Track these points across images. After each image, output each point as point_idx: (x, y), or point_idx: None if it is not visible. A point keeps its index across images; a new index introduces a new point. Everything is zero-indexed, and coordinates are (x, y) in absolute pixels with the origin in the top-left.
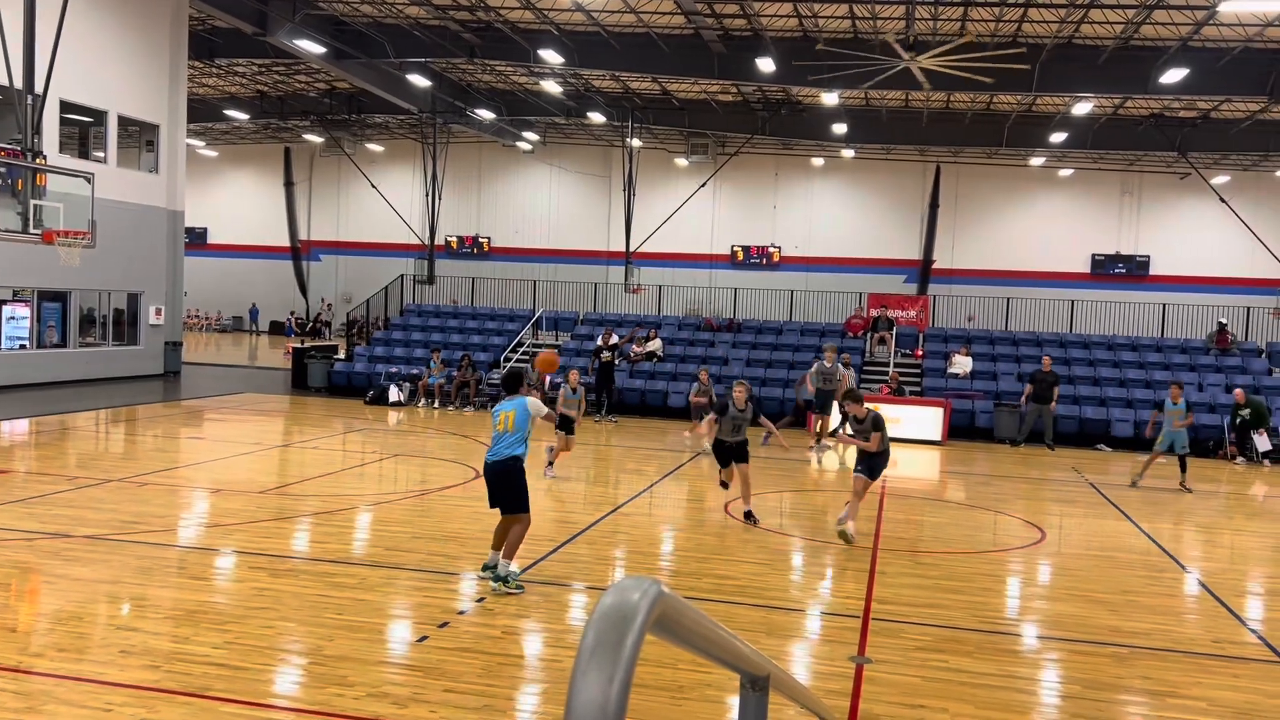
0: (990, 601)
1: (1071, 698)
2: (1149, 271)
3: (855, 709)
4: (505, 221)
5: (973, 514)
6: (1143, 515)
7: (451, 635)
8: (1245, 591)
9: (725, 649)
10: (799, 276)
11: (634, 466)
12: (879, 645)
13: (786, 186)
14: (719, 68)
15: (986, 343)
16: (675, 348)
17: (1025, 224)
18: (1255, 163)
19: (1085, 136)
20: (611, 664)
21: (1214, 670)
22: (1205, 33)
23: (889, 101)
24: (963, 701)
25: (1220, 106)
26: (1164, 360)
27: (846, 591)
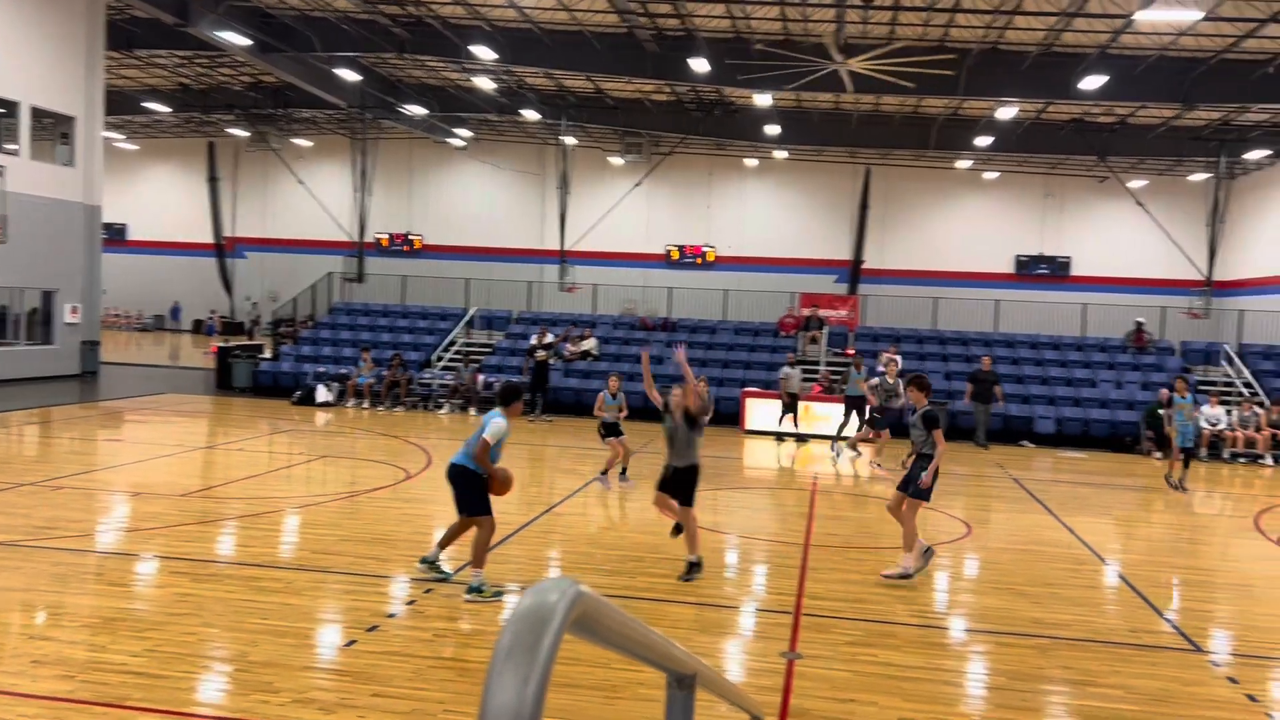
0: (918, 596)
1: (996, 689)
2: (1070, 272)
3: (786, 704)
4: (437, 219)
5: None
6: (1064, 510)
7: (381, 639)
8: (1161, 583)
9: (649, 648)
10: (733, 276)
11: (568, 466)
12: (810, 640)
13: (720, 186)
14: (653, 67)
15: (915, 341)
16: (610, 347)
17: (952, 225)
18: (1169, 167)
19: (1010, 140)
20: (527, 666)
21: (1131, 659)
22: (1123, 41)
23: (820, 104)
24: (891, 695)
25: (1137, 113)
26: (1084, 359)
27: (778, 588)
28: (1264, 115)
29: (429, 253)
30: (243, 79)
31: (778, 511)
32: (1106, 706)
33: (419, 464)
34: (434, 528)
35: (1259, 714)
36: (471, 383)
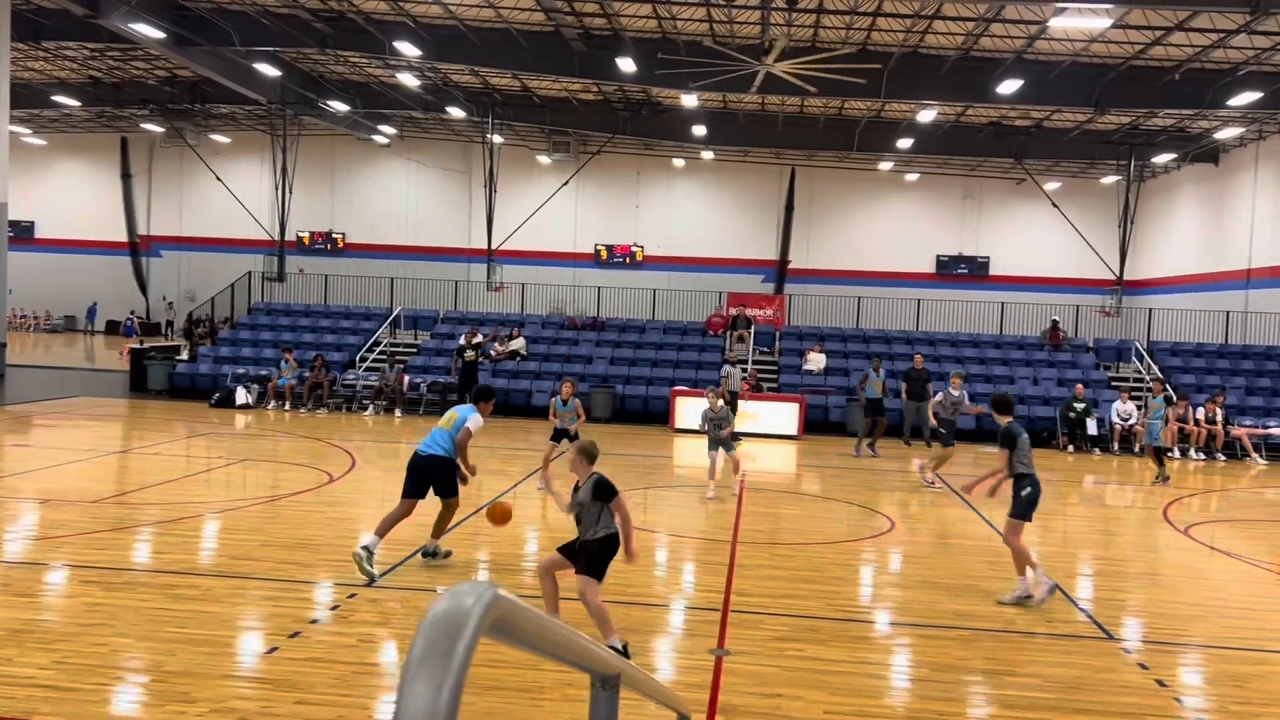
0: (844, 590)
1: (919, 680)
2: (989, 272)
3: (714, 701)
4: (361, 217)
5: (827, 506)
6: (983, 504)
7: (303, 645)
8: (1076, 573)
9: (571, 649)
10: (661, 275)
11: (497, 467)
12: (738, 637)
13: (649, 186)
14: (580, 66)
15: (839, 340)
16: (539, 346)
17: (875, 226)
18: (1083, 170)
19: (930, 142)
20: (441, 672)
21: (1048, 648)
22: (1038, 46)
23: (746, 105)
24: (817, 689)
25: (1052, 116)
26: (1003, 356)
27: (707, 585)
28: (1170, 120)
29: (352, 251)
30: (157, 73)
31: (706, 509)
32: (1024, 695)
33: (343, 467)
34: (359, 531)
35: (1168, 698)
36: (397, 384)
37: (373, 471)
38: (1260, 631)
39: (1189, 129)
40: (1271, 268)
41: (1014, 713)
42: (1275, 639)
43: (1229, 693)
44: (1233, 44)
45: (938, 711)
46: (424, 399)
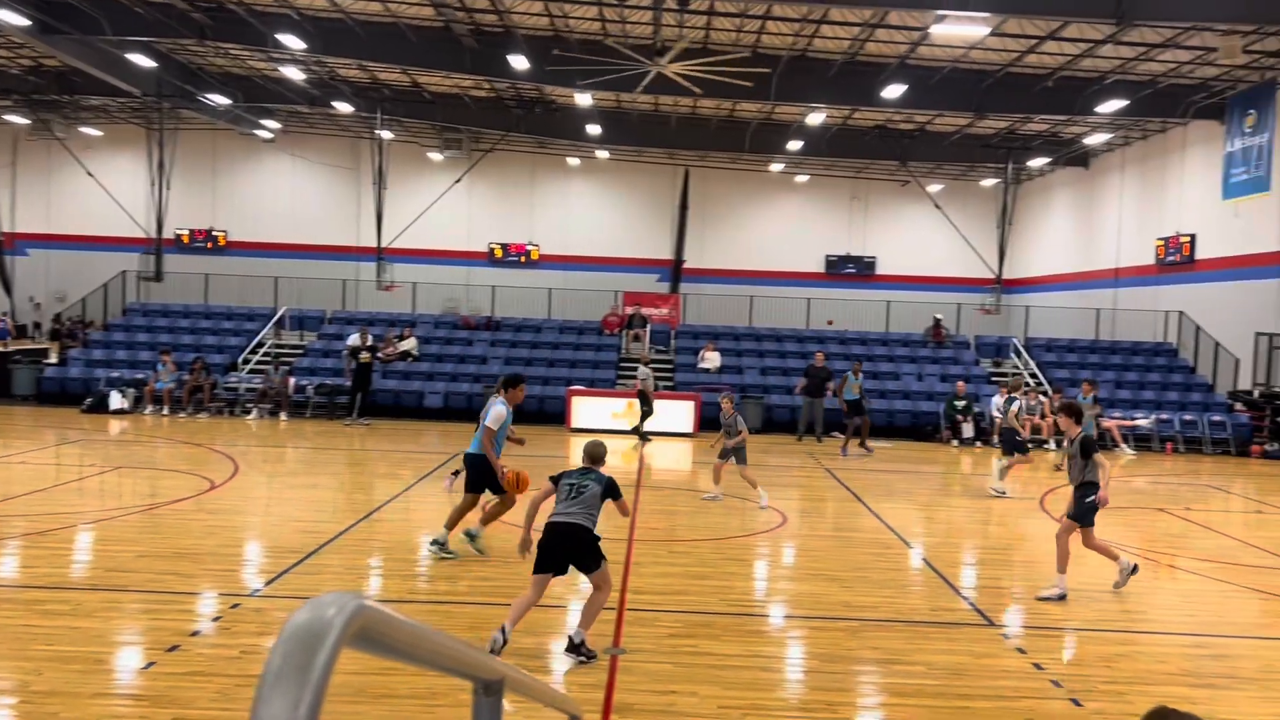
0: (737, 585)
1: (810, 671)
2: (875, 271)
3: (609, 700)
4: (244, 214)
5: (720, 502)
6: (872, 497)
7: (183, 659)
8: (959, 563)
9: (448, 657)
10: (557, 274)
11: (388, 470)
12: (633, 635)
13: (544, 185)
14: (471, 62)
15: (732, 339)
16: (431, 347)
17: (767, 226)
18: (964, 173)
19: (819, 145)
20: (298, 688)
21: (932, 636)
22: (921, 52)
23: (639, 105)
24: (711, 684)
25: (934, 120)
26: (889, 353)
27: None
28: (1044, 125)
29: (234, 250)
30: (22, 61)
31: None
32: (910, 682)
33: (225, 473)
34: (243, 539)
35: (1044, 680)
36: (282, 386)
37: (257, 477)
38: (1127, 614)
39: (1061, 134)
40: (1138, 267)
41: (900, 700)
42: (1141, 621)
43: (1099, 673)
44: (1100, 53)
45: (827, 702)
46: (310, 402)
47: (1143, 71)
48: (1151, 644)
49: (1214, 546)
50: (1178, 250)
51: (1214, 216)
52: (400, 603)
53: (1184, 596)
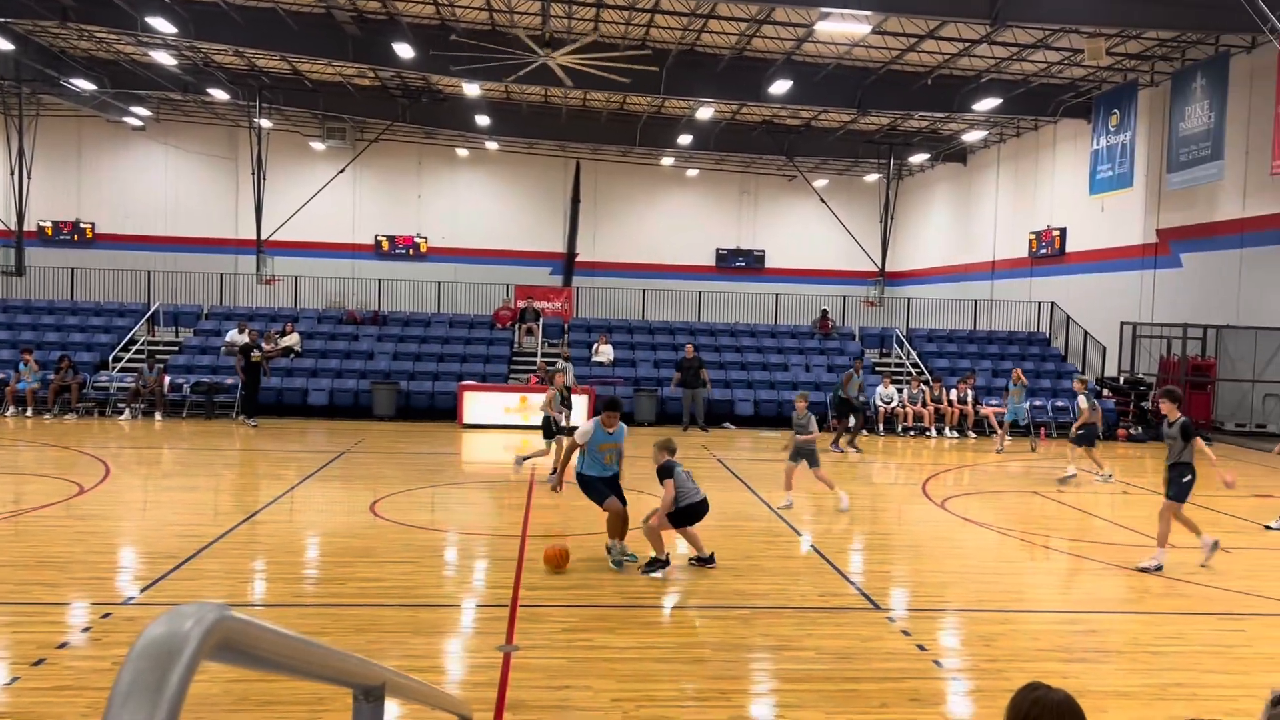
0: (631, 578)
1: (702, 660)
2: (765, 265)
3: (502, 697)
4: (113, 205)
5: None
6: (762, 486)
7: (49, 673)
8: (847, 549)
9: (323, 665)
10: (447, 267)
11: (270, 470)
12: (527, 631)
13: (431, 176)
14: (354, 50)
15: (625, 332)
16: (315, 342)
17: (659, 219)
18: (848, 168)
19: (708, 139)
20: (150, 706)
21: (821, 621)
22: (805, 49)
23: (529, 96)
24: (606, 677)
25: (819, 117)
26: (778, 345)
27: (496, 582)
28: (924, 122)
29: (104, 243)
30: None
31: (496, 505)
32: (799, 668)
33: (95, 476)
34: (116, 545)
35: (928, 661)
36: (156, 385)
37: (130, 480)
38: (1005, 593)
39: (940, 131)
40: (1012, 260)
41: (791, 685)
42: (1018, 600)
43: (979, 651)
44: (976, 53)
45: (720, 690)
46: (188, 401)
47: (1016, 71)
48: (1027, 622)
49: (1084, 527)
50: (1049, 244)
51: (1082, 211)
52: (285, 606)
53: (1057, 575)
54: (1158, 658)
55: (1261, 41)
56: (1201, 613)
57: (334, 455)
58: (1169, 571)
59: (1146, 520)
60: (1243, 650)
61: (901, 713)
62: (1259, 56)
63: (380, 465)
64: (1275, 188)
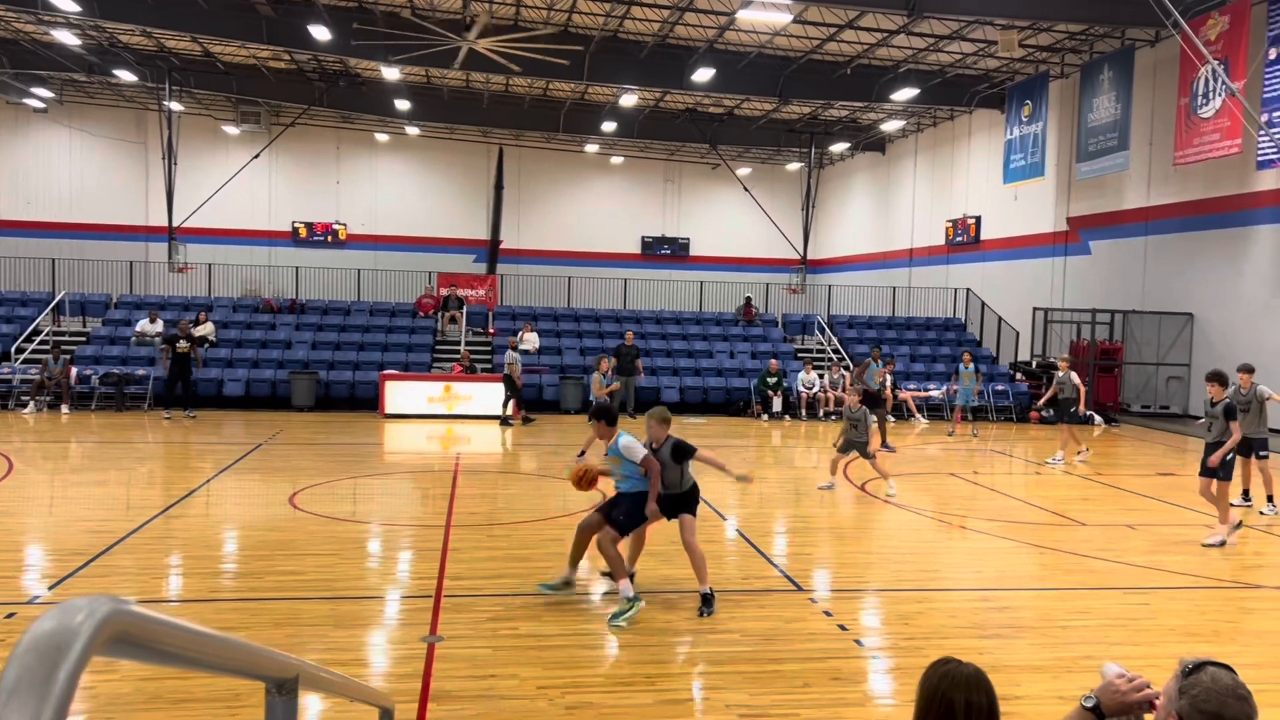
0: (558, 565)
1: (629, 646)
2: (690, 252)
3: (426, 688)
4: (13, 191)
5: (542, 483)
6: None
7: None
8: (770, 532)
9: (228, 658)
10: (367, 255)
11: (185, 463)
12: (451, 621)
13: (350, 161)
14: (268, 32)
15: (551, 320)
16: (230, 332)
17: (584, 207)
18: (770, 156)
19: (632, 127)
20: (36, 703)
21: (745, 604)
22: (728, 37)
23: (450, 81)
24: (532, 665)
25: (742, 105)
26: (702, 332)
27: (420, 572)
28: (844, 112)
29: (5, 230)
30: None
31: (420, 495)
32: (724, 650)
33: None
34: (21, 543)
35: (849, 640)
36: (63, 376)
37: (36, 475)
38: (923, 573)
39: (860, 120)
40: (930, 247)
41: (716, 668)
42: (935, 579)
43: (898, 630)
44: (894, 43)
45: (646, 675)
46: (96, 393)
47: (932, 62)
48: (944, 600)
49: (999, 507)
50: (965, 231)
51: (996, 200)
52: (202, 602)
53: (973, 554)
54: (1067, 631)
55: (1164, 36)
56: (1108, 587)
57: (251, 447)
58: (1077, 548)
59: (1059, 499)
60: (1147, 622)
61: (823, 692)
62: (1162, 51)
63: (299, 457)
64: (1178, 178)
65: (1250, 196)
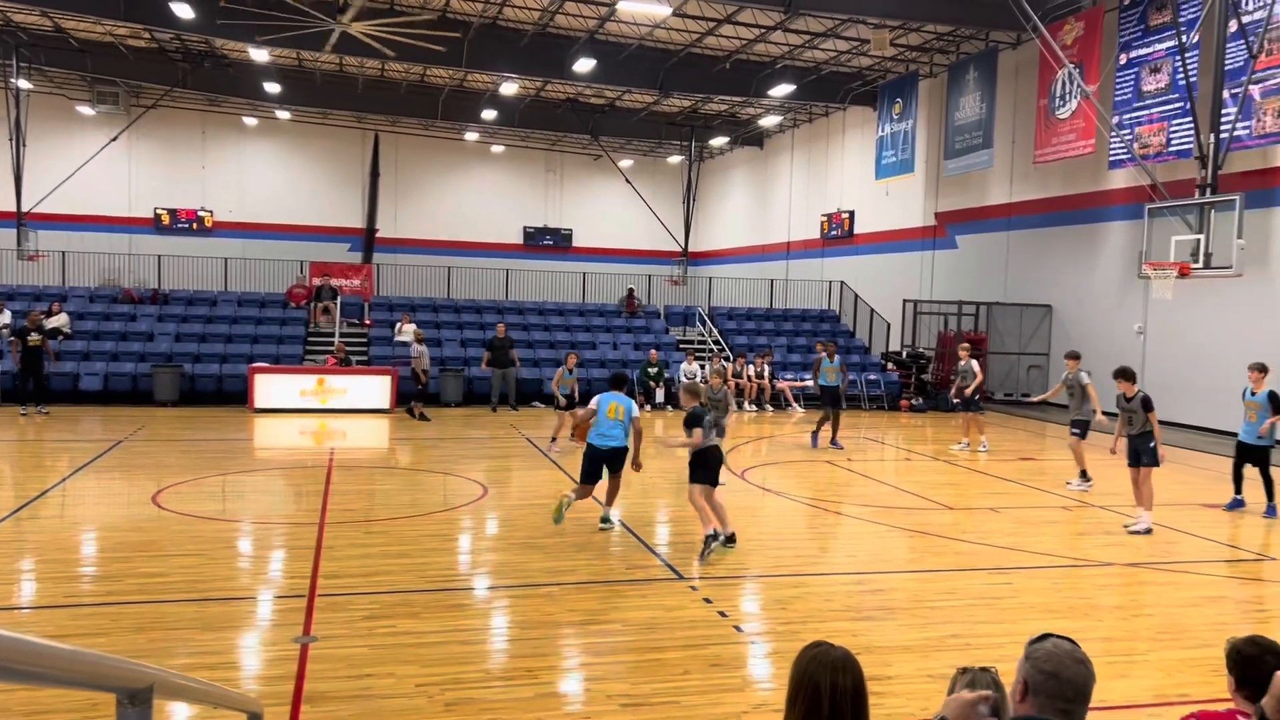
0: (437, 561)
1: (511, 640)
2: (572, 243)
3: (300, 690)
4: None
5: (421, 478)
6: (570, 464)
7: None
8: (652, 521)
9: (74, 670)
10: (235, 243)
11: (38, 462)
12: (325, 621)
13: (217, 146)
14: (125, 8)
15: (430, 311)
16: (86, 324)
17: (464, 196)
18: (652, 149)
19: (513, 116)
20: None
21: (627, 594)
22: (609, 29)
23: (323, 65)
24: (409, 663)
25: (623, 97)
26: (585, 323)
27: (292, 571)
28: (724, 106)
29: None
30: None
31: (292, 491)
32: (605, 641)
33: None
34: None
35: (728, 627)
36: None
37: None
38: (799, 558)
39: (739, 115)
40: (806, 241)
41: (598, 659)
42: (810, 564)
43: (776, 615)
44: (772, 39)
45: (528, 669)
46: None
47: (808, 59)
48: (820, 584)
49: (872, 492)
50: (839, 226)
51: (869, 195)
52: (56, 608)
53: (847, 539)
54: (935, 611)
55: (1025, 39)
56: (974, 568)
57: (111, 444)
58: (945, 531)
59: (930, 485)
60: (1009, 601)
61: (703, 678)
62: (1023, 53)
63: (163, 453)
64: (1038, 176)
65: (1103, 194)
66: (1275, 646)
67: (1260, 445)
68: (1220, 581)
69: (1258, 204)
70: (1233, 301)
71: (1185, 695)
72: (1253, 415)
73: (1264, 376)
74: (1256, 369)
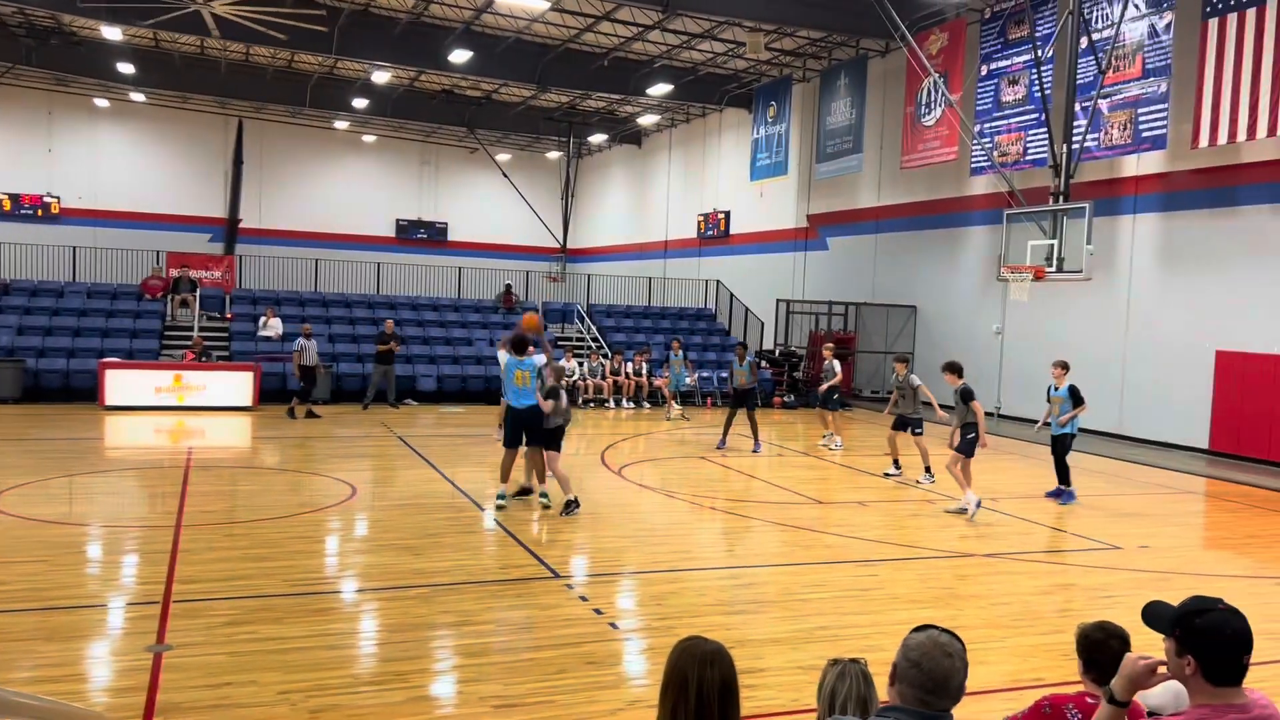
0: (301, 564)
1: (380, 643)
2: (448, 237)
3: (152, 702)
4: None
5: (285, 478)
6: (445, 462)
7: None
8: (529, 521)
9: None
10: (85, 231)
11: None
12: (181, 628)
13: (65, 128)
14: None
15: (297, 304)
16: None
17: (334, 187)
18: (530, 144)
19: (386, 105)
20: None
21: (502, 594)
22: (485, 20)
23: (182, 46)
24: (273, 670)
25: (500, 90)
26: (461, 319)
27: (145, 577)
28: (602, 103)
29: None
30: None
31: (146, 493)
32: (479, 641)
33: None
34: None
35: (604, 624)
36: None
37: None
38: (675, 554)
39: (618, 112)
40: (683, 240)
41: (472, 660)
42: (686, 559)
43: (652, 611)
44: (650, 38)
45: (398, 672)
46: None
47: (686, 60)
48: (695, 580)
49: (745, 488)
50: (716, 225)
51: (745, 196)
52: None
53: (721, 534)
54: (805, 604)
55: (894, 48)
56: (842, 561)
57: None
58: (814, 525)
59: (801, 480)
60: (876, 593)
61: (579, 677)
62: (892, 61)
63: (3, 454)
64: (905, 181)
65: (965, 200)
66: (1120, 631)
67: (1062, 434)
68: (1070, 570)
69: (1105, 212)
70: (1082, 303)
71: (1039, 679)
72: (1057, 409)
73: (1066, 373)
74: (1059, 366)
